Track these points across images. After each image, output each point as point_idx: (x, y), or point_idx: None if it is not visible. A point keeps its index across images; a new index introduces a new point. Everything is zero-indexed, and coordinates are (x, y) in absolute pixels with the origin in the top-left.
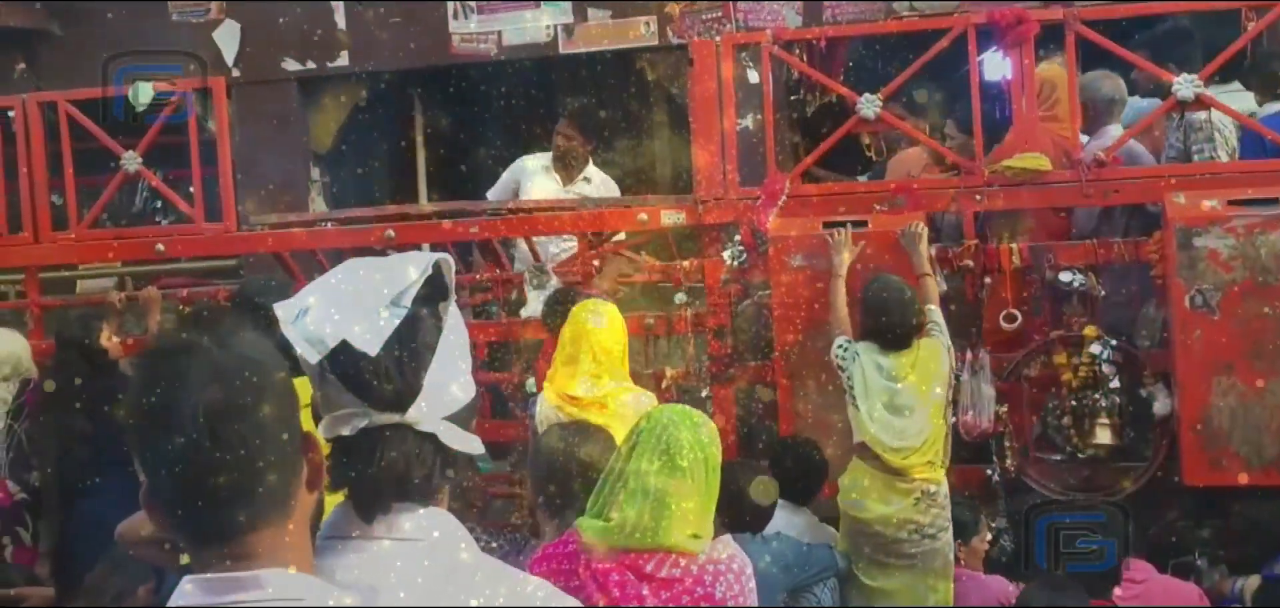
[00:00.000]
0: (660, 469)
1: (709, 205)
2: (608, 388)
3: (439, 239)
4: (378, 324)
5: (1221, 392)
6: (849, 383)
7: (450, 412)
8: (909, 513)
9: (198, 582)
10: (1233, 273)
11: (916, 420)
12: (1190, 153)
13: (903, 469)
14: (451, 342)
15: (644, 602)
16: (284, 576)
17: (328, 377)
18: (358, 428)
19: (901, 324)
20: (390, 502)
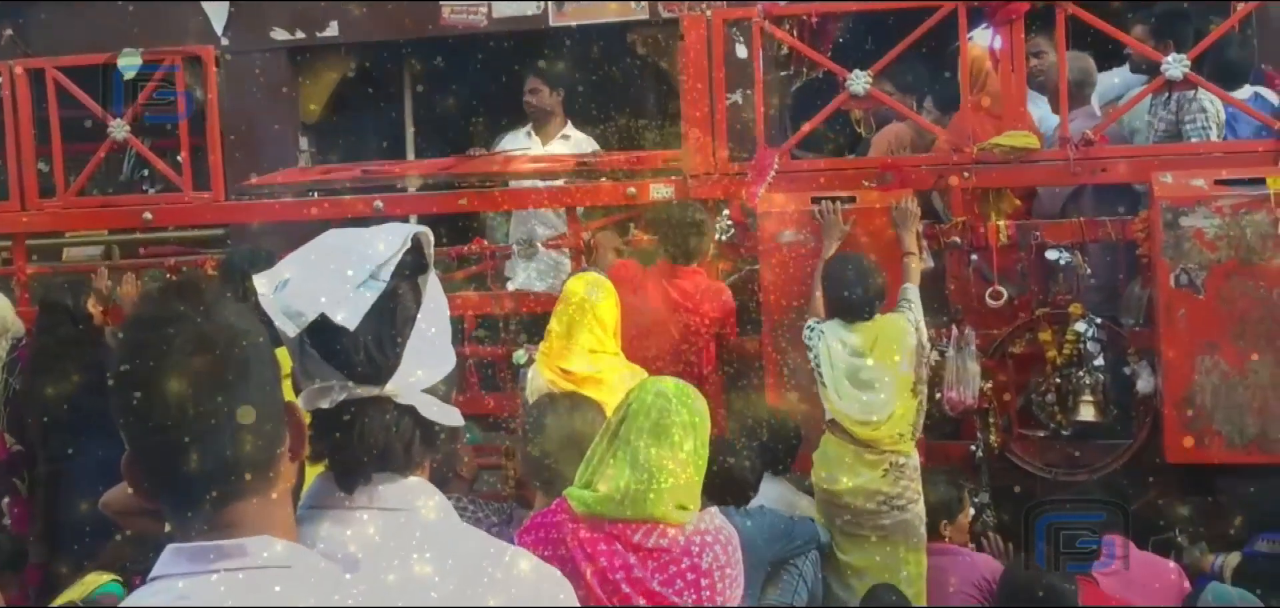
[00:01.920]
0: (649, 441)
1: (698, 180)
2: (604, 363)
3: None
4: (356, 298)
5: (1205, 370)
6: (815, 361)
7: (429, 384)
8: (878, 485)
9: (181, 550)
10: (1218, 252)
11: (882, 394)
12: (1182, 128)
13: (871, 442)
14: (431, 314)
15: (631, 572)
16: (268, 543)
17: (307, 350)
18: (337, 401)
19: (861, 299)
20: (370, 473)
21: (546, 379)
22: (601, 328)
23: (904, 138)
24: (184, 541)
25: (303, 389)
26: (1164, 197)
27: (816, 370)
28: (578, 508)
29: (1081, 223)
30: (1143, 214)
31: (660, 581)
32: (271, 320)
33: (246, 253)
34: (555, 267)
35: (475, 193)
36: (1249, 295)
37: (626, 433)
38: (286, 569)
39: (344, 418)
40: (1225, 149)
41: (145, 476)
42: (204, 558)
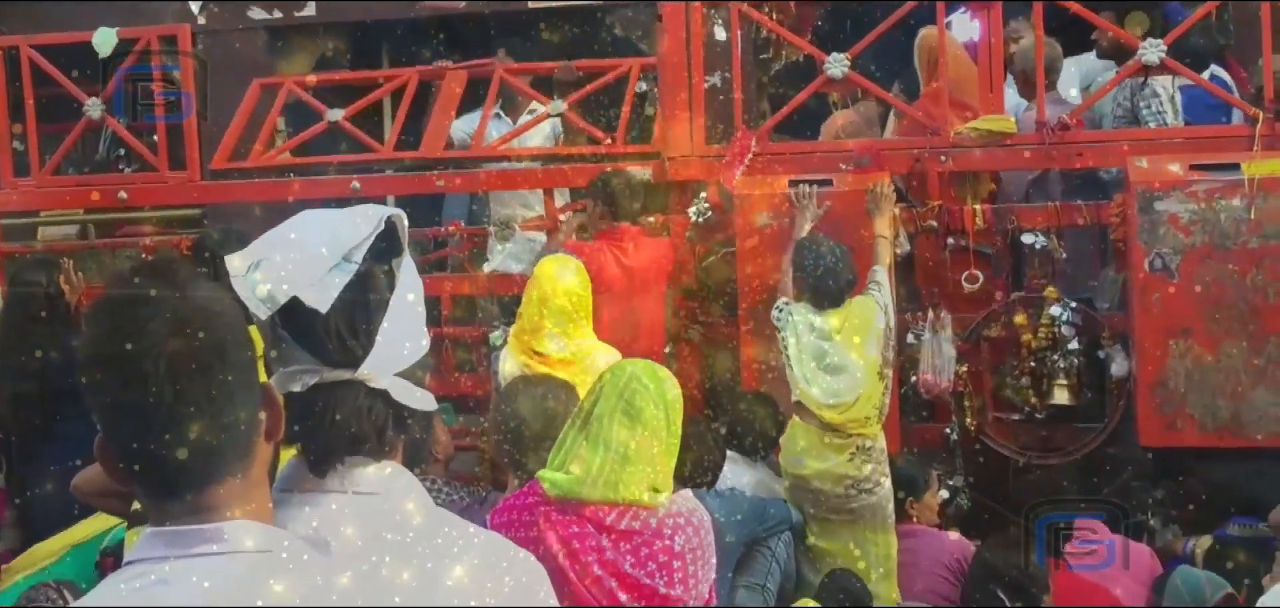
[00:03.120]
0: (622, 423)
1: (676, 162)
2: (576, 345)
3: (403, 192)
4: (329, 281)
5: (1178, 354)
6: (783, 343)
7: (402, 367)
8: (845, 468)
9: (159, 535)
10: (1192, 237)
11: (850, 378)
12: (1139, 113)
13: (838, 426)
14: (404, 297)
15: (603, 554)
16: (247, 527)
17: (279, 332)
18: (309, 385)
19: (831, 283)
20: (343, 456)
21: (519, 361)
22: (573, 309)
23: (852, 125)
24: (160, 524)
25: (275, 372)
26: (1139, 181)
27: (784, 352)
28: (550, 490)
29: (1057, 207)
30: (1118, 198)
31: (632, 562)
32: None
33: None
34: (531, 248)
35: (451, 174)
36: (1222, 280)
37: (599, 415)
38: (266, 554)
39: (316, 401)
40: (1202, 134)
41: (120, 460)
42: (182, 543)
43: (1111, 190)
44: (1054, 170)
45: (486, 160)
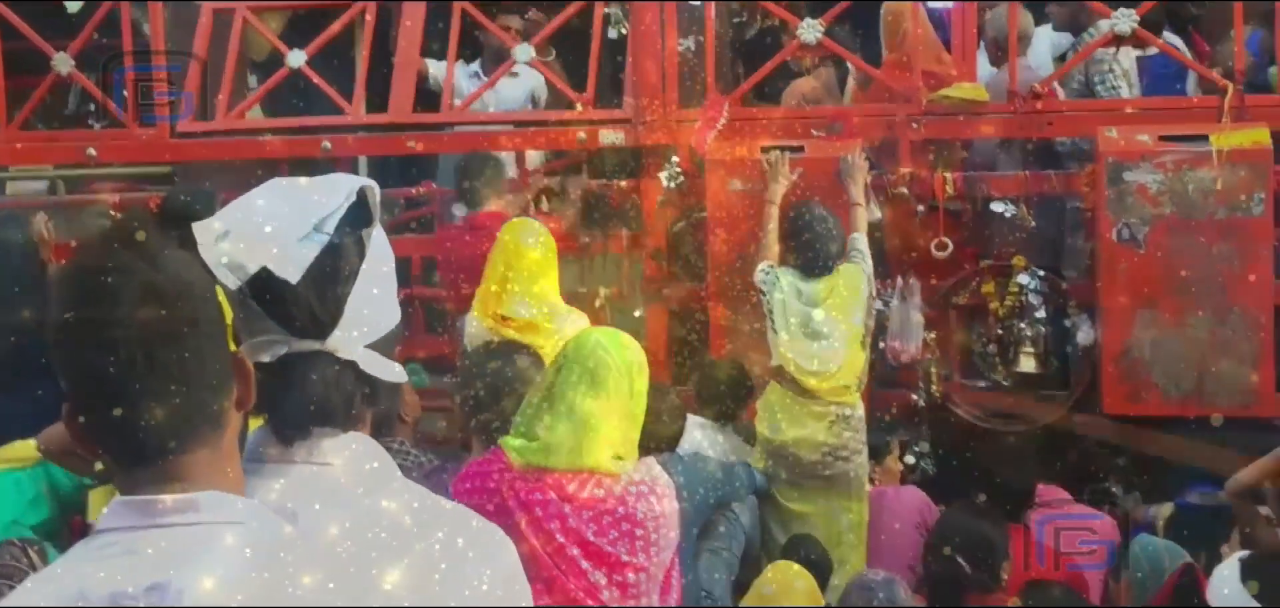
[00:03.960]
0: (586, 391)
1: (647, 126)
2: (541, 309)
3: (375, 152)
4: (299, 252)
5: (1143, 324)
6: (768, 307)
7: (372, 339)
8: (824, 436)
9: (129, 504)
10: (1160, 208)
11: (834, 346)
12: (1093, 86)
13: (819, 393)
14: (375, 268)
15: (566, 522)
16: (219, 498)
17: (247, 302)
18: (277, 355)
19: (823, 251)
20: (310, 428)
21: (484, 326)
22: (538, 272)
23: (810, 93)
24: (130, 493)
25: (242, 341)
26: (1109, 152)
27: (768, 316)
28: (513, 458)
29: (1026, 176)
30: (1088, 168)
31: (595, 531)
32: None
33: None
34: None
35: (424, 135)
36: (1188, 251)
37: (563, 383)
38: (238, 525)
39: (284, 372)
40: (1171, 105)
41: (88, 429)
42: (153, 513)
43: (1065, 161)
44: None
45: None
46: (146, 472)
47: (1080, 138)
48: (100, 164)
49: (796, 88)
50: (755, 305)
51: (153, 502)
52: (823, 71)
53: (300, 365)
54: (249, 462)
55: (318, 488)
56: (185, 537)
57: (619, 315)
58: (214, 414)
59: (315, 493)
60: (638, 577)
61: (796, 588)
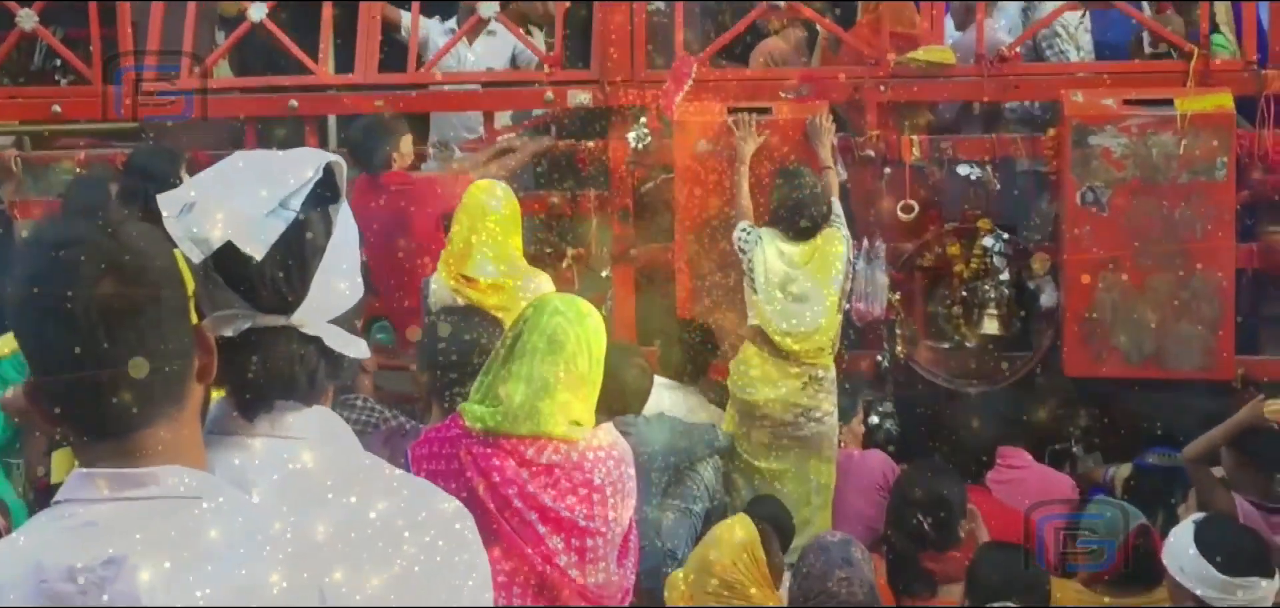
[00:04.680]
0: (543, 357)
1: (615, 87)
2: (504, 271)
3: (343, 112)
4: (264, 227)
5: (1106, 287)
6: (749, 267)
7: (336, 314)
8: (798, 397)
9: (91, 476)
10: (1124, 171)
11: (813, 308)
12: (1041, 52)
13: (795, 354)
14: (340, 244)
15: (524, 487)
16: (181, 473)
17: (211, 275)
18: (241, 329)
19: (810, 216)
20: (273, 402)
21: (448, 286)
22: (502, 234)
23: (779, 53)
24: (91, 466)
25: (206, 314)
26: (1074, 115)
27: (748, 275)
28: (471, 423)
29: (992, 139)
30: (1053, 131)
31: (553, 496)
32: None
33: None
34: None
35: (391, 95)
36: (1151, 214)
37: (521, 349)
38: (198, 499)
39: (248, 347)
40: (1138, 69)
41: (50, 402)
42: (114, 485)
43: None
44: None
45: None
46: (108, 445)
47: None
48: (66, 120)
49: (765, 47)
50: (723, 266)
51: (113, 475)
52: (791, 33)
53: (264, 341)
54: (211, 434)
55: (280, 462)
56: (145, 511)
57: (586, 276)
58: (175, 388)
59: (278, 467)
60: (595, 541)
61: (735, 539)
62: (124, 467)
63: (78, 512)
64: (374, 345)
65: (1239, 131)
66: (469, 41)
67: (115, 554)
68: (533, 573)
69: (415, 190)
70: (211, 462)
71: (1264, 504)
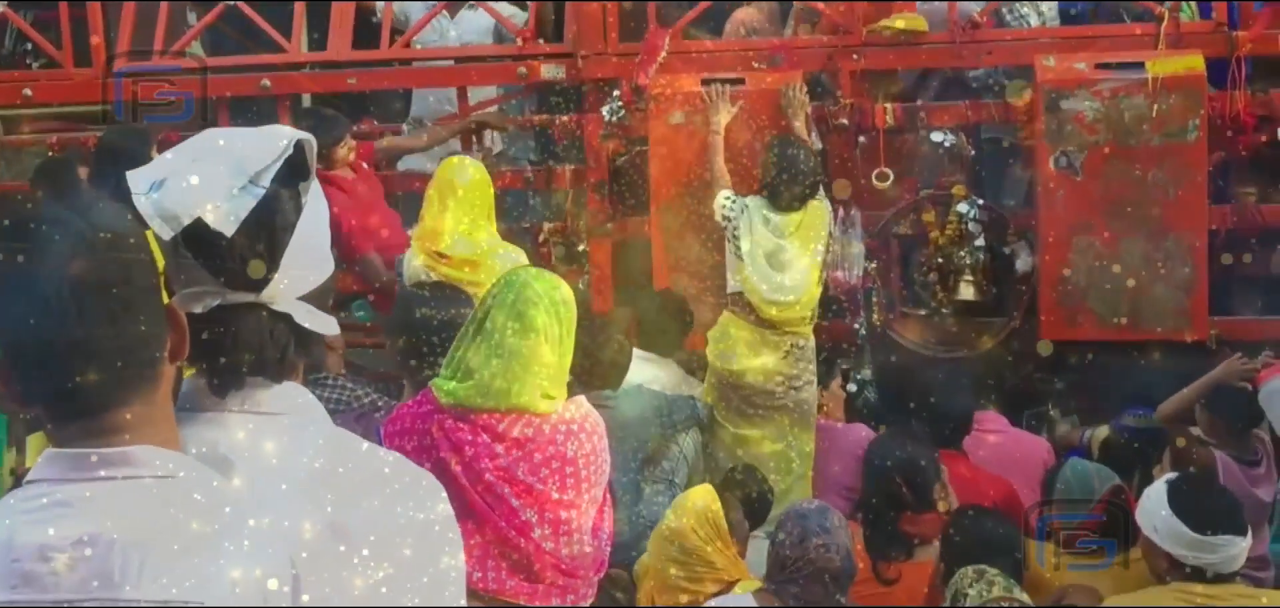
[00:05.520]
0: (514, 331)
1: (589, 60)
2: (478, 246)
3: (316, 90)
4: (234, 204)
5: (1080, 251)
6: (734, 234)
7: (306, 291)
8: (778, 365)
9: (60, 456)
10: (1097, 135)
11: (796, 277)
12: (1002, 17)
13: (777, 323)
14: (310, 221)
15: (497, 462)
16: (155, 452)
17: (181, 252)
18: (211, 306)
19: (801, 188)
20: (244, 379)
21: (421, 262)
22: (473, 210)
23: (752, 22)
24: (63, 446)
25: (176, 291)
26: (1046, 80)
27: (733, 243)
28: (443, 399)
29: (966, 106)
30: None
31: (526, 469)
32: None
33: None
34: (447, 147)
35: (365, 72)
36: (1124, 178)
37: (491, 323)
38: (172, 479)
39: (218, 323)
40: (1109, 33)
41: (21, 383)
42: (86, 466)
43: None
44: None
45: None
46: (79, 425)
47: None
48: (37, 104)
49: (738, 16)
50: (698, 236)
51: (85, 455)
52: (764, 4)
53: (235, 317)
54: (183, 412)
55: (251, 437)
56: (118, 490)
57: (563, 249)
58: (147, 367)
59: (250, 443)
60: (569, 514)
61: (695, 507)
62: (96, 446)
63: (49, 491)
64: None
65: (1210, 94)
66: (450, 17)
67: (88, 534)
68: (507, 547)
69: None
70: (184, 439)
71: (1242, 458)
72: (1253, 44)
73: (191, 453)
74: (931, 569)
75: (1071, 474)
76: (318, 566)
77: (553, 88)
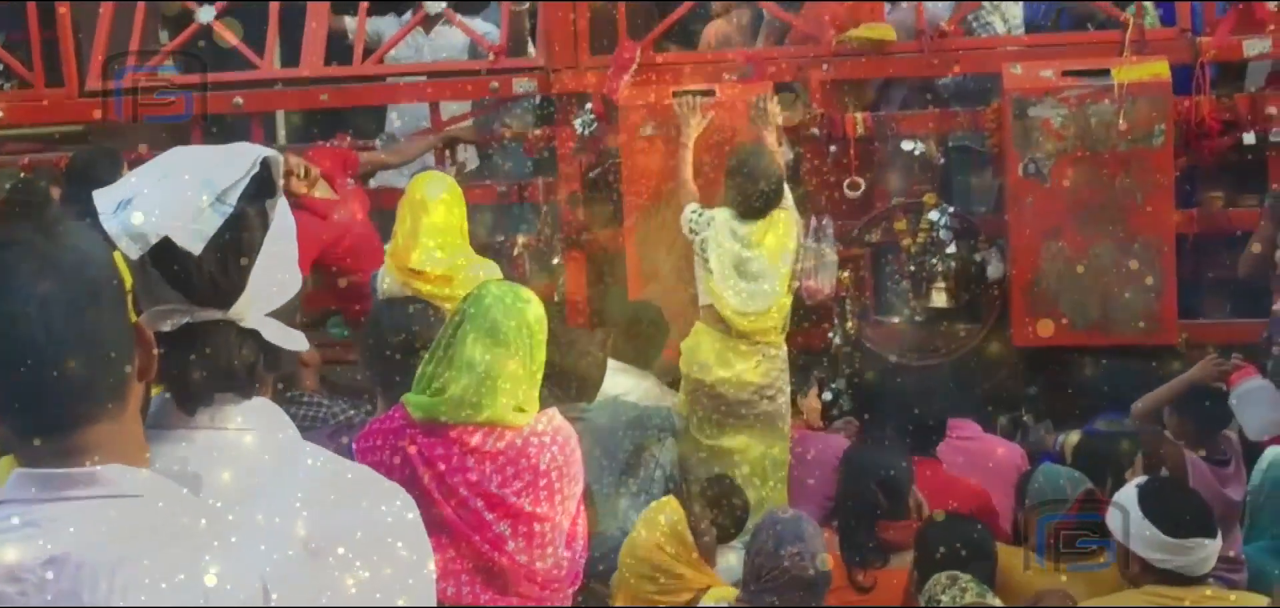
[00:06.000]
0: (484, 344)
1: (560, 74)
2: (452, 262)
3: (288, 107)
4: (201, 222)
5: (1050, 256)
6: (702, 247)
7: (274, 307)
8: (750, 375)
9: (29, 476)
10: (1064, 142)
11: (766, 287)
12: (969, 26)
13: (748, 333)
14: (278, 238)
15: (468, 475)
16: (124, 471)
17: (149, 271)
18: (178, 324)
19: (765, 195)
20: (212, 396)
21: (395, 279)
22: (446, 226)
23: (723, 35)
24: (31, 466)
25: (144, 309)
26: (1014, 88)
27: (701, 256)
28: (415, 413)
29: (936, 114)
30: (994, 104)
31: (498, 483)
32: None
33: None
34: (420, 162)
35: (337, 89)
36: (1092, 183)
37: (462, 336)
38: (141, 498)
39: (186, 341)
40: (1076, 40)
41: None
42: (55, 485)
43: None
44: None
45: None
46: (48, 445)
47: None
48: (8, 125)
49: (711, 29)
50: (672, 247)
51: (54, 475)
52: (734, 16)
53: (202, 335)
54: (152, 429)
55: (223, 454)
56: (87, 510)
57: (537, 263)
58: (116, 385)
59: (221, 459)
60: (542, 526)
61: (660, 522)
62: (65, 466)
63: (19, 512)
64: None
65: (1176, 99)
66: (425, 31)
67: (57, 554)
68: (481, 560)
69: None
70: (154, 457)
71: (1212, 458)
72: (1216, 50)
73: (161, 470)
74: (907, 577)
75: (1043, 479)
76: (288, 580)
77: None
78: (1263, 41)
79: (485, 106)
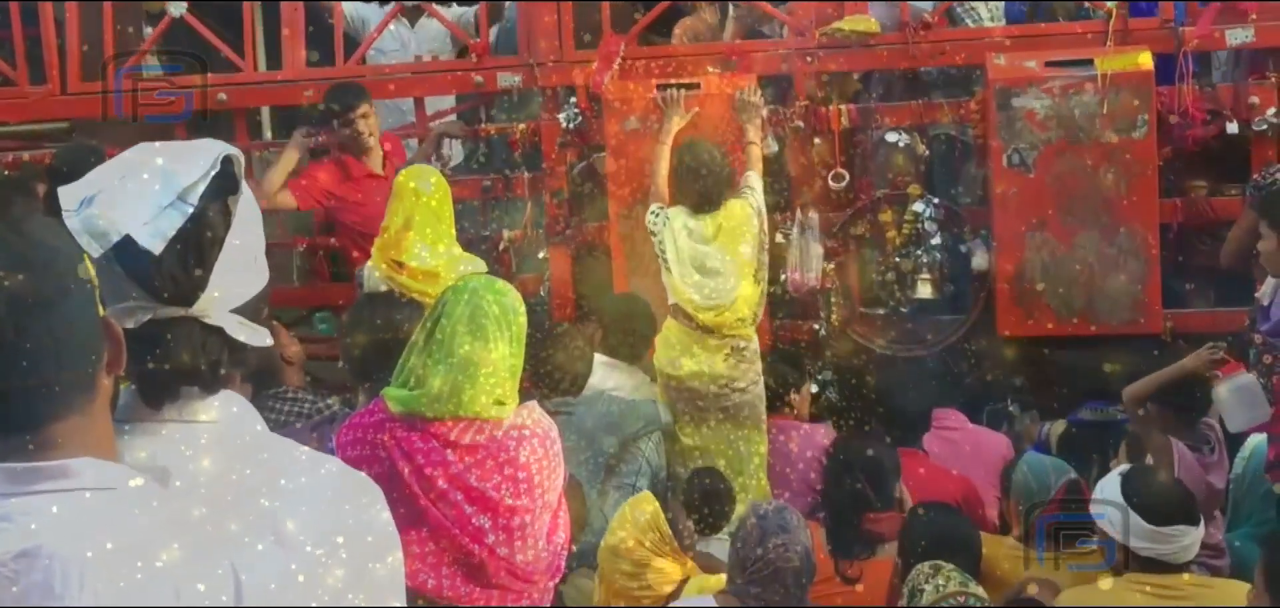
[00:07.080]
0: (465, 338)
1: (544, 68)
2: (437, 256)
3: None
4: (163, 220)
5: (1035, 247)
6: (660, 247)
7: (238, 304)
8: (720, 368)
9: (2, 470)
10: (1048, 132)
11: (726, 280)
12: (955, 17)
13: (714, 328)
14: (242, 234)
15: (449, 469)
16: (93, 464)
17: (112, 269)
18: (142, 321)
19: (710, 187)
20: (178, 390)
21: (382, 273)
22: (434, 220)
23: (695, 31)
24: (1, 460)
25: (109, 306)
26: (998, 79)
27: (661, 256)
28: (395, 407)
29: (919, 105)
30: (979, 95)
31: (478, 477)
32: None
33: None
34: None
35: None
36: (1076, 173)
37: (442, 331)
38: (111, 491)
39: (150, 337)
40: (1059, 30)
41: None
42: (24, 479)
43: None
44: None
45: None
46: (18, 439)
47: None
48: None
49: (681, 27)
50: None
51: (24, 469)
52: (704, 11)
53: (166, 331)
54: (120, 423)
55: (190, 448)
56: (57, 503)
57: (523, 257)
58: (85, 380)
59: (188, 453)
60: (523, 519)
61: (638, 517)
62: (35, 460)
63: None
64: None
65: (1159, 89)
66: (410, 24)
67: (28, 547)
68: (461, 553)
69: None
70: (122, 450)
71: (1194, 445)
72: (1199, 40)
73: (129, 463)
74: (892, 567)
75: (1028, 469)
76: (258, 572)
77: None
78: (1245, 31)
79: (470, 101)
